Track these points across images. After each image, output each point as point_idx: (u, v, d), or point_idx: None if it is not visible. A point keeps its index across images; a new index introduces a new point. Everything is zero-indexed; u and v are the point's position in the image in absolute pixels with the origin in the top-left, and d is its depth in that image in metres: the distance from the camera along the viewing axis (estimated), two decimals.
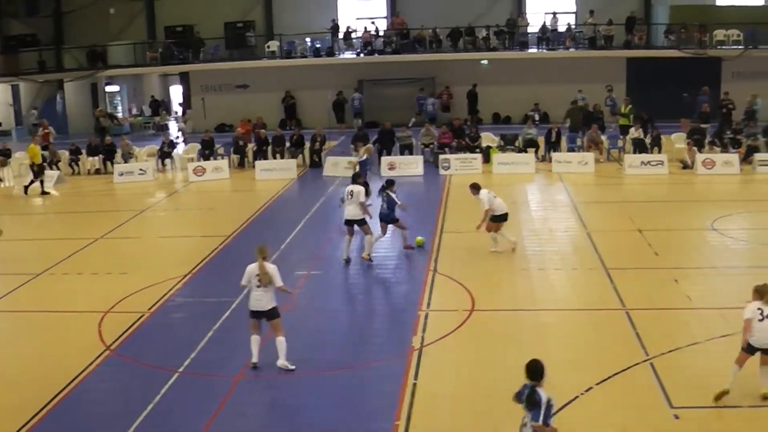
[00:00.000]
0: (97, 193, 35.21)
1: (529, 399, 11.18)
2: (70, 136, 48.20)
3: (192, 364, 16.86)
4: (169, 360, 17.03)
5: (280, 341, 16.50)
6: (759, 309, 14.31)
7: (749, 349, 14.32)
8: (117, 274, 23.07)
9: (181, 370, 16.58)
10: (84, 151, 40.04)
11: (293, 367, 16.39)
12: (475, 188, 23.59)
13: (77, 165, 39.51)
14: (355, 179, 24.22)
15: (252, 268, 16.55)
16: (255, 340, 16.56)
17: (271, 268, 16.51)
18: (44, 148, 40.35)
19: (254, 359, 16.49)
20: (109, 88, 54.55)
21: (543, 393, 11.15)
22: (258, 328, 16.58)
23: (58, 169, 38.60)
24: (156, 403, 15.20)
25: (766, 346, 14.17)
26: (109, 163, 38.86)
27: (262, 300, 16.44)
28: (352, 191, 23.09)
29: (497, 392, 14.86)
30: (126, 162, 38.65)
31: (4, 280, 23.10)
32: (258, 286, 16.43)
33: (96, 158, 39.51)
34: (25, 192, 35.13)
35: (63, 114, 53.29)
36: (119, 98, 55.94)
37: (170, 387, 15.88)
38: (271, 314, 16.49)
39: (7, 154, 40.59)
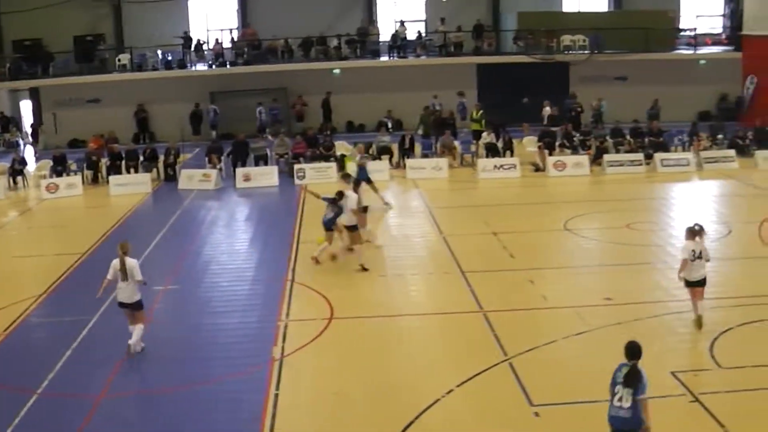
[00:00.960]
0: None
1: (632, 376, 11.61)
2: None
3: (51, 384, 16.69)
4: (27, 381, 16.77)
5: (139, 327, 17.78)
6: (692, 250, 17.48)
7: (687, 284, 17.82)
8: None
9: (39, 391, 16.38)
10: None
11: (142, 346, 17.75)
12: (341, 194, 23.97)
13: None
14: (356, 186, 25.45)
15: (115, 263, 17.58)
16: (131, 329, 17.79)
17: (131, 262, 17.63)
18: None
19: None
20: None
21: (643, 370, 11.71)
22: (131, 318, 17.78)
23: None
24: (15, 426, 14.97)
25: (696, 279, 17.56)
26: None
27: (126, 292, 17.60)
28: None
29: (358, 398, 15.24)
30: None
31: None
32: (122, 279, 17.48)
33: None
34: None
35: None
36: None
37: (29, 409, 15.66)
38: (135, 306, 17.74)
39: None
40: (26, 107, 53.61)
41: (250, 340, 18.75)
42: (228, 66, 48.28)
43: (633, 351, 11.83)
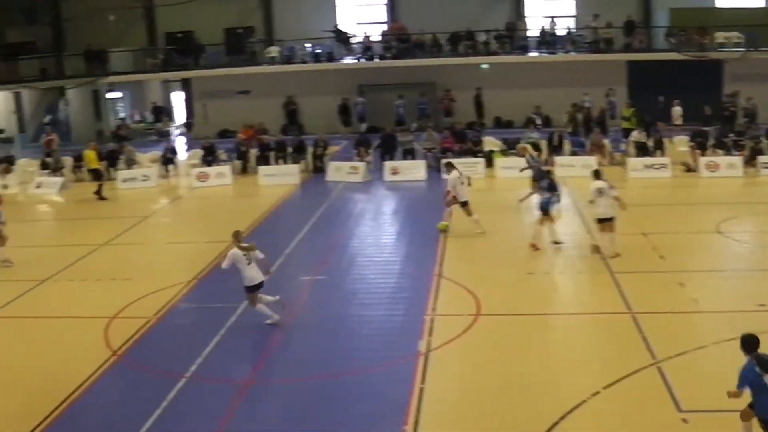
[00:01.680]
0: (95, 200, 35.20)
1: None
2: (74, 142, 48.14)
3: (199, 369, 16.87)
4: (176, 365, 17.03)
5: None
6: (599, 189, 21.35)
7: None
8: (121, 280, 23.06)
9: (188, 375, 16.59)
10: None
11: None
12: (450, 166, 26.07)
13: (81, 171, 39.51)
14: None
15: (236, 251, 18.37)
16: (261, 308, 18.75)
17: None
18: (48, 154, 40.56)
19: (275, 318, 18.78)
20: (110, 95, 54.52)
21: None
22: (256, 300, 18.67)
23: (62, 175, 38.66)
24: (163, 409, 15.19)
25: (603, 216, 21.29)
26: (112, 170, 38.84)
27: (257, 272, 18.45)
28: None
29: (503, 396, 14.92)
30: (129, 168, 38.66)
31: (10, 287, 23.11)
32: (249, 264, 18.31)
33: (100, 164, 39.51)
34: (100, 198, 35.17)
35: (66, 121, 53.30)
36: (121, 105, 55.91)
37: (178, 393, 15.88)
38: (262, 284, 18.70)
39: (10, 161, 40.69)
40: (177, 98, 54.79)
41: (396, 333, 18.54)
42: (376, 59, 48.31)
43: (755, 342, 11.82)
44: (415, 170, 35.47)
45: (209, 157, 38.42)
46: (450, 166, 26.43)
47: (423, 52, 48.40)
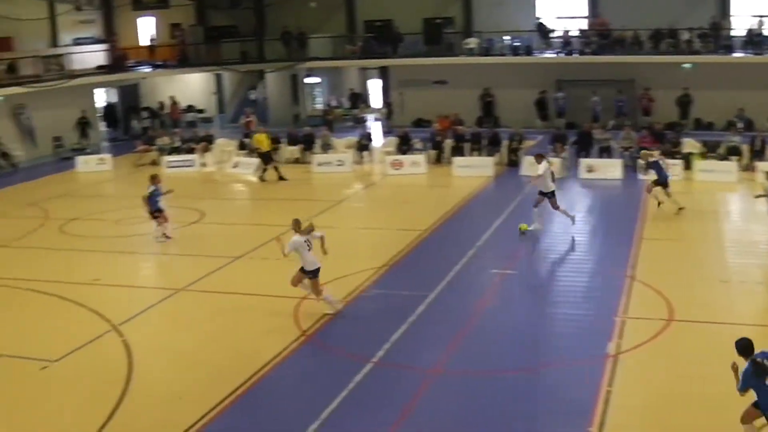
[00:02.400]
0: (296, 182, 35.84)
1: None
2: (271, 125, 49.19)
3: (386, 355, 17.02)
4: (363, 350, 17.24)
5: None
6: None
7: None
8: None
9: (374, 360, 16.76)
10: (284, 141, 40.93)
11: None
12: (540, 157, 25.69)
13: (277, 153, 40.35)
14: None
15: (297, 238, 19.13)
16: (327, 297, 19.51)
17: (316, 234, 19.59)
18: (246, 135, 41.62)
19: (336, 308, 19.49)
20: (309, 80, 55.50)
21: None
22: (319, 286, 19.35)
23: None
24: (349, 392, 15.42)
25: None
26: (307, 153, 39.54)
27: (315, 259, 19.22)
28: None
29: (692, 406, 14.49)
30: (325, 153, 39.28)
31: (204, 263, 23.83)
32: (309, 249, 19.19)
33: (295, 148, 40.34)
34: (261, 180, 36.33)
35: (263, 104, 54.56)
36: (319, 90, 56.87)
37: (364, 376, 16.07)
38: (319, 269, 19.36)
39: (210, 140, 41.93)
40: (374, 85, 55.31)
41: (585, 333, 18.24)
42: (575, 54, 47.60)
43: (750, 346, 12.28)
44: (611, 169, 34.72)
45: (404, 146, 38.64)
46: (540, 158, 26.07)
47: (623, 49, 47.37)
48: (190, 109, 55.76)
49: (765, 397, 12.02)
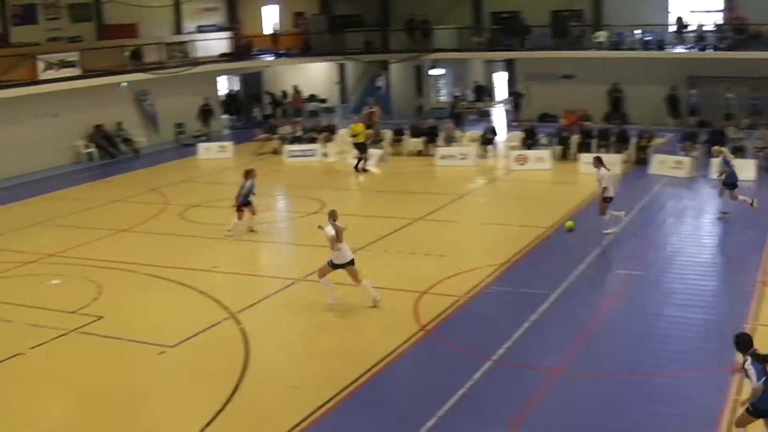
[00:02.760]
0: (418, 174, 35.60)
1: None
2: (394, 116, 49.03)
3: (506, 353, 16.69)
4: (483, 346, 16.95)
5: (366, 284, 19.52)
6: None
7: None
8: (435, 257, 23.17)
9: (494, 357, 16.45)
10: (407, 132, 40.65)
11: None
12: (599, 161, 25.61)
13: (400, 145, 40.13)
14: None
15: (330, 229, 19.13)
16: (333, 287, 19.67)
17: (337, 227, 19.24)
18: (369, 126, 41.42)
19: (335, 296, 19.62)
20: (433, 71, 55.13)
21: None
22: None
23: (381, 147, 39.41)
24: (468, 389, 15.17)
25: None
26: (430, 146, 39.20)
27: (346, 252, 19.23)
28: None
29: None
30: (448, 145, 38.86)
31: (323, 253, 23.58)
32: (339, 241, 19.15)
33: (419, 140, 40.02)
34: (356, 170, 36.18)
35: (386, 95, 54.44)
36: (443, 82, 56.46)
37: (483, 374, 15.78)
38: (352, 262, 19.41)
39: (332, 130, 41.90)
40: (499, 78, 54.67)
41: (713, 339, 17.49)
42: (709, 50, 46.18)
43: (749, 340, 12.75)
44: (743, 170, 33.40)
45: (529, 141, 38.03)
46: (599, 161, 25.86)
47: (760, 44, 45.80)
48: (312, 98, 55.96)
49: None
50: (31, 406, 15.70)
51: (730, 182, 26.65)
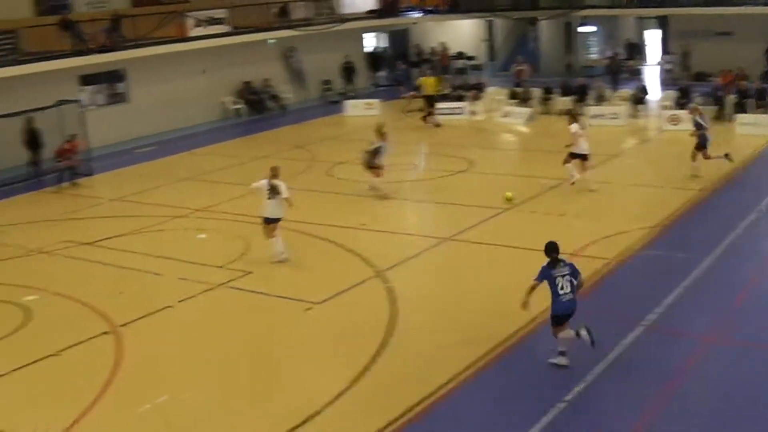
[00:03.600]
0: (567, 134, 34.90)
1: (572, 266, 14.76)
2: (542, 74, 48.36)
3: (659, 319, 16.32)
4: (634, 312, 16.60)
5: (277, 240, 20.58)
6: None
7: None
8: (585, 219, 22.85)
9: (645, 323, 16.10)
10: (556, 91, 40.05)
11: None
12: (572, 118, 26.03)
13: (548, 104, 39.56)
14: None
15: (263, 183, 20.32)
16: (272, 242, 20.51)
17: (280, 183, 20.18)
18: (517, 84, 41.05)
19: (279, 257, 20.42)
20: (582, 29, 54.13)
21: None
22: (272, 232, 20.47)
23: (530, 106, 38.95)
24: (617, 355, 14.90)
25: None
26: (580, 105, 38.50)
27: (275, 209, 20.27)
28: None
29: None
30: (598, 105, 38.13)
31: (471, 213, 23.59)
32: (269, 199, 20.18)
33: (568, 99, 39.38)
34: (424, 121, 36.95)
35: (535, 52, 53.74)
36: (593, 39, 55.39)
37: (634, 340, 15.47)
38: (278, 220, 20.47)
39: (480, 88, 41.56)
40: (651, 36, 53.37)
41: None
42: None
43: (555, 247, 14.66)
44: None
45: (683, 100, 37.02)
46: (573, 118, 26.54)
47: None
48: (460, 56, 55.55)
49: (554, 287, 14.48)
50: (178, 358, 16.14)
51: (702, 144, 26.62)
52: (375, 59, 53.91)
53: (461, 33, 56.52)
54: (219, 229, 23.90)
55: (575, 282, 14.47)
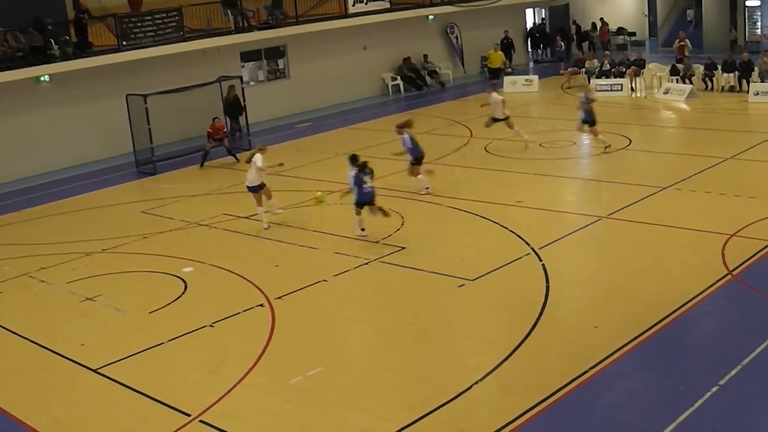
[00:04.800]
0: (729, 112, 34.21)
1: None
2: (705, 50, 47.20)
3: None
4: None
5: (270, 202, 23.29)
6: None
7: None
8: (745, 198, 22.19)
9: None
10: (719, 67, 39.06)
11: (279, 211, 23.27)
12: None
13: (711, 81, 38.64)
14: None
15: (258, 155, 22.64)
16: (260, 210, 23.01)
17: (257, 157, 22.50)
18: (678, 60, 40.14)
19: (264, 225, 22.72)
20: (749, 3, 52.55)
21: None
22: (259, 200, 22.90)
23: (691, 83, 38.13)
24: None
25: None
26: (744, 81, 37.52)
27: (253, 176, 22.63)
28: None
29: None
30: (764, 81, 37.01)
31: (630, 191, 23.32)
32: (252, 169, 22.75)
33: (731, 75, 38.37)
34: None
35: (698, 28, 52.49)
36: (758, 14, 53.73)
37: None
38: (259, 188, 22.76)
39: (640, 64, 40.85)
40: None
41: None
42: None
43: (357, 157, 20.54)
44: None
45: None
46: (493, 88, 30.45)
47: None
48: (620, 31, 54.73)
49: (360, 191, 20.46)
50: (331, 332, 16.43)
51: (588, 119, 27.65)
52: (534, 35, 53.54)
53: (622, 8, 55.73)
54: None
55: None
